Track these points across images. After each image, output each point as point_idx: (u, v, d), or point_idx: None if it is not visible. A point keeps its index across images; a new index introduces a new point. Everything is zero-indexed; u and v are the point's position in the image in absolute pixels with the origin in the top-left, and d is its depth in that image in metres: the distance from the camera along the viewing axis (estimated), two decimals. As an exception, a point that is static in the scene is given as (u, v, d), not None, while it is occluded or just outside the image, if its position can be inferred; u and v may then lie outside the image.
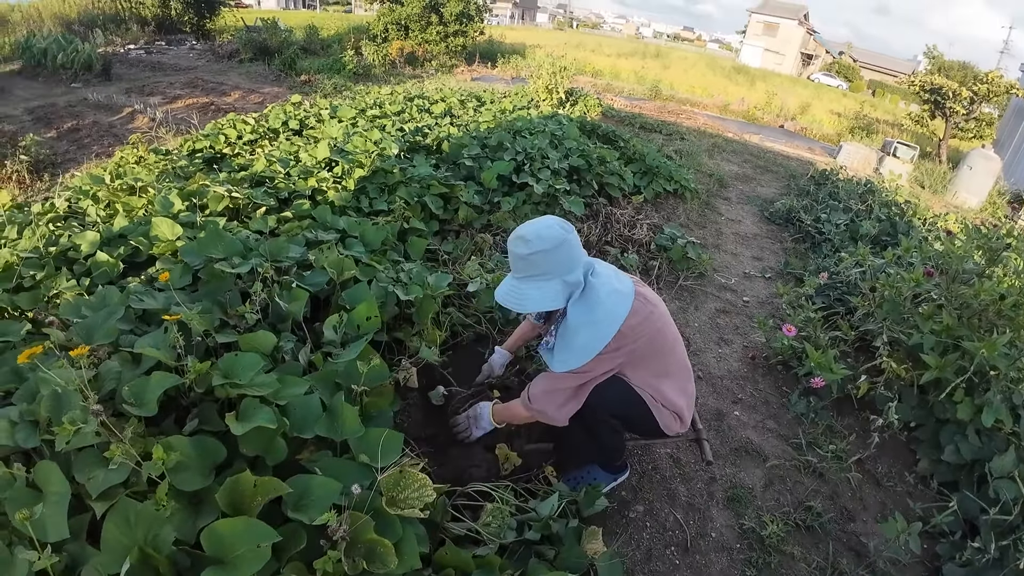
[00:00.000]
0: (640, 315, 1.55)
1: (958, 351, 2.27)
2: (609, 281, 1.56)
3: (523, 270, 1.50)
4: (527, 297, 1.50)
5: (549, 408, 1.64)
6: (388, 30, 16.35)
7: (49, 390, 1.19)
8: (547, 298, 1.49)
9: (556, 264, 1.48)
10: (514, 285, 1.53)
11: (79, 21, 16.38)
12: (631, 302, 1.53)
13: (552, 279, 1.49)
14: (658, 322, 1.61)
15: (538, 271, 1.48)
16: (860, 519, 2.05)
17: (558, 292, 1.50)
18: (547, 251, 1.45)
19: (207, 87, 10.20)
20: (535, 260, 1.46)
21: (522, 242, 1.47)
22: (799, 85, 25.42)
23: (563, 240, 1.47)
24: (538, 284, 1.50)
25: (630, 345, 1.55)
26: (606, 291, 1.52)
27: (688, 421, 1.78)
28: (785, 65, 38.67)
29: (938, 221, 5.12)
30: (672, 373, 1.70)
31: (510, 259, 1.54)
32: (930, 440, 2.27)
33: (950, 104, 11.92)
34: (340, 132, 4.55)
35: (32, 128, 7.01)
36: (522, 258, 1.48)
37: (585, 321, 1.51)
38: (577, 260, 1.52)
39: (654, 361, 1.64)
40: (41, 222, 2.38)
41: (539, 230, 1.47)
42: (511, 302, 1.52)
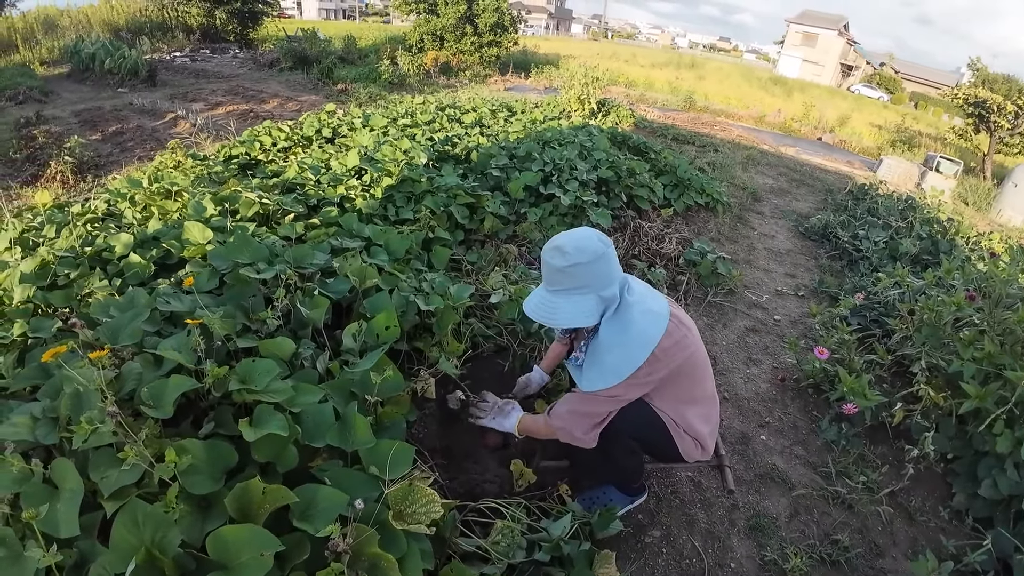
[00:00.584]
0: (674, 337, 1.48)
1: (1000, 380, 2.15)
2: (644, 300, 1.50)
3: (558, 283, 1.44)
4: (560, 311, 1.43)
5: (576, 430, 1.59)
6: (424, 40, 16.64)
7: (71, 388, 1.22)
8: (581, 313, 1.43)
9: (593, 278, 1.41)
10: (546, 298, 1.46)
11: (127, 28, 17.18)
12: (666, 323, 1.47)
13: (588, 293, 1.43)
14: (691, 346, 1.54)
15: (574, 284, 1.42)
16: (890, 555, 1.94)
17: (592, 308, 1.43)
18: (586, 264, 1.39)
19: (247, 94, 10.53)
20: (572, 272, 1.40)
21: (559, 253, 1.41)
22: (838, 96, 24.81)
23: (602, 254, 1.41)
24: (572, 298, 1.43)
25: (662, 371, 1.48)
26: (640, 310, 1.46)
27: (710, 450, 1.72)
28: (824, 76, 37.81)
29: (982, 240, 4.89)
30: (698, 400, 1.63)
31: (543, 270, 1.47)
32: (967, 473, 2.14)
33: (994, 118, 11.47)
34: (371, 141, 4.62)
35: (78, 130, 7.34)
36: (559, 270, 1.41)
37: (618, 341, 1.45)
38: (614, 275, 1.46)
39: (682, 386, 1.58)
40: (79, 222, 2.47)
41: (578, 242, 1.41)
42: (542, 315, 1.46)
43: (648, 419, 1.60)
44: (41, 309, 1.90)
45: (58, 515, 0.99)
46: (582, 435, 1.59)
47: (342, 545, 0.98)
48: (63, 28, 16.27)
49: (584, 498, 1.83)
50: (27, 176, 5.53)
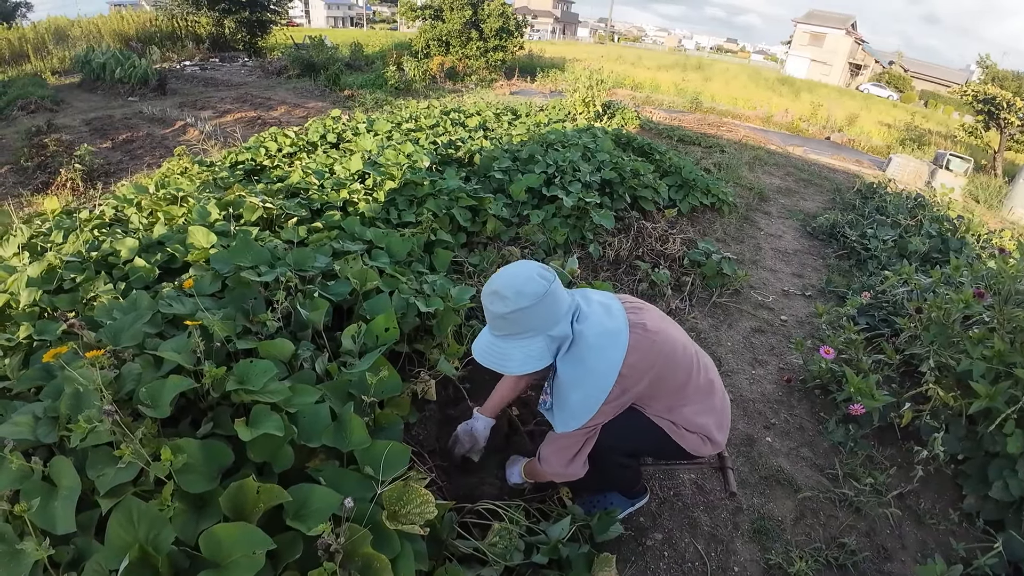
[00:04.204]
0: (640, 350, 1.39)
1: (1010, 379, 2.11)
2: (599, 322, 1.40)
3: (502, 328, 1.36)
4: (509, 358, 1.36)
5: (559, 467, 1.56)
6: (429, 46, 16.74)
7: (72, 388, 1.23)
8: (531, 358, 1.35)
9: (538, 320, 1.33)
10: (494, 343, 1.39)
11: (137, 38, 17.44)
12: (625, 340, 1.38)
13: (535, 336, 1.34)
14: (664, 348, 1.45)
15: (518, 330, 1.34)
16: (898, 559, 1.91)
17: (543, 350, 1.35)
18: (528, 308, 1.30)
19: (255, 102, 10.64)
20: (515, 319, 1.31)
21: (499, 299, 1.32)
22: (846, 96, 24.61)
23: (545, 293, 1.31)
24: (520, 343, 1.35)
25: (635, 387, 1.42)
26: (595, 336, 1.37)
27: (721, 441, 1.62)
28: (832, 76, 37.56)
29: (992, 238, 4.82)
30: (690, 396, 1.55)
31: (486, 314, 1.38)
32: (977, 474, 2.10)
33: (1004, 115, 11.34)
34: (374, 145, 4.64)
35: (88, 139, 7.45)
36: (501, 317, 1.33)
37: (578, 378, 1.38)
38: (560, 311, 1.37)
39: (667, 389, 1.51)
40: (86, 228, 2.51)
41: (519, 286, 1.30)
42: (493, 363, 1.38)
43: (643, 427, 1.55)
44: (47, 312, 1.93)
45: (55, 512, 1.00)
46: (563, 470, 1.56)
47: (334, 544, 0.97)
48: (74, 38, 16.54)
49: (585, 501, 1.82)
50: (38, 184, 5.61)
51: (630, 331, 1.40)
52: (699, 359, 1.58)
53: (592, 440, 1.53)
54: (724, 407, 1.65)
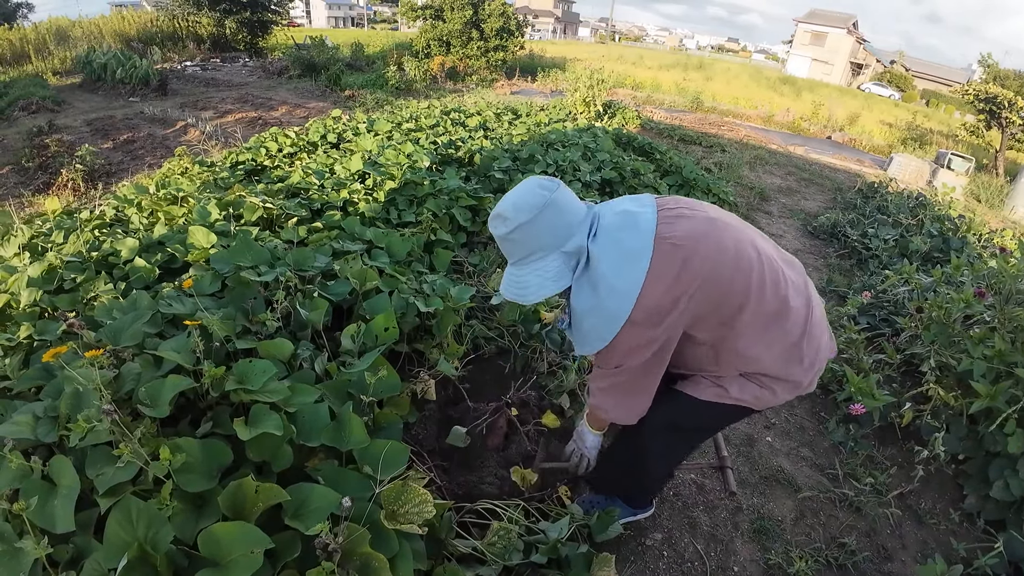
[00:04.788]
0: (666, 274, 1.16)
1: (1011, 378, 2.10)
2: (617, 239, 1.21)
3: (514, 253, 1.24)
4: (526, 286, 1.22)
5: (608, 406, 1.39)
6: (430, 46, 16.75)
7: (71, 388, 1.23)
8: (548, 281, 1.21)
9: (546, 235, 1.19)
10: (513, 274, 1.27)
11: (138, 38, 17.45)
12: (646, 262, 1.16)
13: (548, 254, 1.21)
14: (703, 267, 1.17)
15: (528, 250, 1.21)
16: (898, 559, 1.90)
17: (560, 269, 1.21)
18: (530, 222, 1.17)
19: (256, 102, 10.65)
20: (519, 238, 1.19)
21: (500, 221, 1.21)
22: (848, 95, 24.58)
23: (546, 203, 1.17)
24: (535, 266, 1.22)
25: (673, 316, 1.18)
26: (609, 257, 1.19)
27: (801, 378, 1.32)
28: (834, 75, 37.50)
29: (994, 237, 4.82)
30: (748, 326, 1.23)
31: (499, 246, 1.27)
32: (978, 474, 2.10)
33: (1006, 114, 11.35)
34: (375, 145, 4.65)
35: (90, 139, 7.46)
36: (506, 239, 1.21)
37: (590, 306, 1.21)
38: (573, 223, 1.21)
39: (713, 323, 1.23)
40: (87, 228, 2.51)
41: (516, 200, 1.19)
42: (513, 294, 1.26)
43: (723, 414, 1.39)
44: (47, 312, 1.93)
45: (55, 510, 1.00)
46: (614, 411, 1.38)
47: (333, 543, 0.97)
48: (75, 39, 16.55)
49: (585, 500, 1.81)
50: (39, 184, 5.62)
51: (655, 248, 1.17)
52: (766, 270, 1.24)
53: (647, 376, 1.30)
54: (808, 332, 1.29)
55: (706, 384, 1.36)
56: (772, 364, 1.28)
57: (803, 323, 1.27)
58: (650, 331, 1.20)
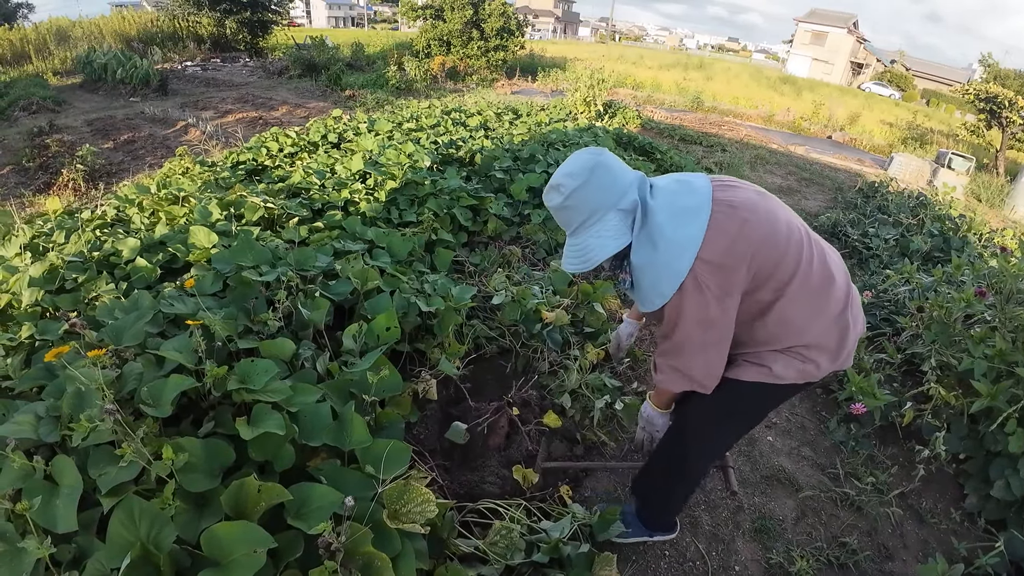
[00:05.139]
0: (725, 231, 1.17)
1: (1012, 378, 2.10)
2: (671, 199, 1.24)
3: (572, 221, 1.25)
4: (590, 249, 1.23)
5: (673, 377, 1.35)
6: (431, 46, 16.75)
7: (73, 388, 1.23)
8: (609, 239, 1.22)
9: (601, 194, 1.21)
10: (572, 244, 1.27)
11: (138, 38, 17.44)
12: (706, 217, 1.18)
13: (605, 214, 1.22)
14: (759, 229, 1.19)
15: (585, 214, 1.22)
16: (899, 558, 1.90)
17: (618, 226, 1.22)
18: (582, 185, 1.19)
19: (257, 102, 10.65)
20: (575, 204, 1.21)
21: (555, 192, 1.23)
22: (848, 95, 24.57)
23: (595, 164, 1.20)
24: (594, 229, 1.23)
25: (734, 276, 1.19)
26: (669, 213, 1.21)
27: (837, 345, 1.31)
28: (834, 75, 37.49)
29: (995, 237, 4.81)
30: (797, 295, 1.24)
31: (556, 218, 1.29)
32: (979, 474, 2.10)
33: (1006, 114, 11.35)
34: (375, 145, 4.65)
35: (90, 139, 7.46)
36: (562, 208, 1.23)
37: (649, 261, 1.22)
38: (623, 181, 1.23)
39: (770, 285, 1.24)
40: (88, 228, 2.51)
41: (566, 170, 1.22)
42: (577, 264, 1.26)
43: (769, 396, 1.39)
44: (49, 312, 1.93)
45: (57, 511, 1.01)
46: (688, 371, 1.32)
47: (335, 543, 0.98)
48: (75, 39, 16.54)
49: None
50: (40, 184, 5.62)
51: (713, 208, 1.20)
52: (811, 244, 1.28)
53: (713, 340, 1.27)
54: (850, 305, 1.32)
55: (747, 365, 1.36)
56: (819, 334, 1.29)
57: (844, 296, 1.31)
58: (711, 290, 1.19)
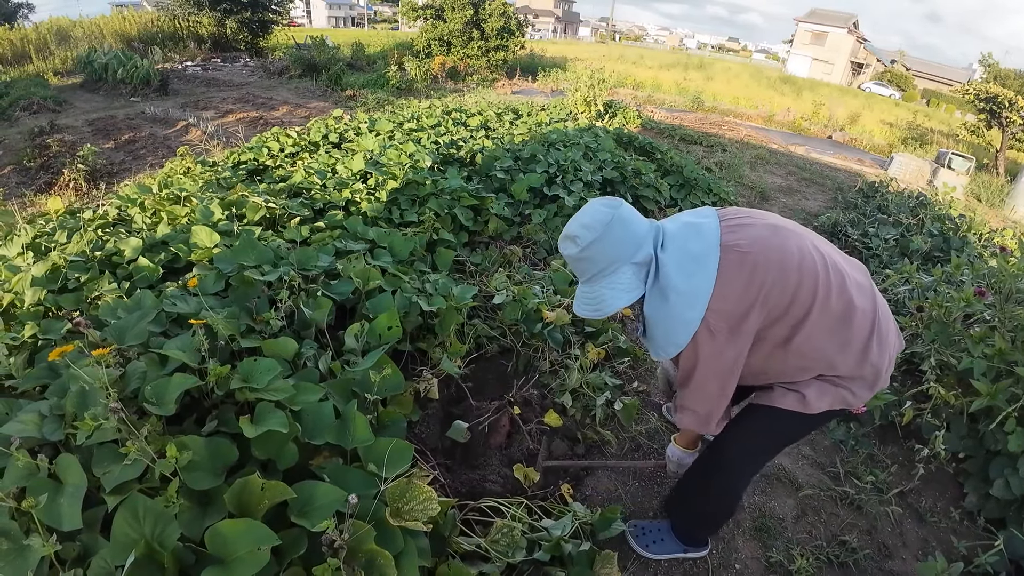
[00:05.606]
0: (734, 278, 1.19)
1: (1011, 377, 2.11)
2: (682, 247, 1.25)
3: (586, 272, 1.28)
4: (602, 300, 1.26)
5: (691, 419, 1.40)
6: (431, 46, 16.76)
7: (77, 386, 1.24)
8: (622, 292, 1.25)
9: (616, 249, 1.23)
10: (585, 291, 1.31)
11: (139, 38, 17.45)
12: (713, 267, 1.20)
13: (619, 268, 1.24)
14: (768, 272, 1.19)
15: (600, 265, 1.25)
16: (899, 556, 1.91)
17: (632, 280, 1.25)
18: (598, 240, 1.21)
19: (257, 102, 10.66)
20: (591, 255, 1.23)
21: (570, 243, 1.25)
22: (848, 95, 24.58)
23: (611, 219, 1.21)
24: (608, 281, 1.26)
25: (746, 322, 1.20)
26: (677, 264, 1.23)
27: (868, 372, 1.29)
28: (834, 75, 37.50)
29: (994, 237, 4.82)
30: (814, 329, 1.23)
31: (569, 266, 1.35)
32: (979, 473, 2.11)
33: (1006, 113, 11.37)
34: (376, 145, 4.66)
35: (91, 139, 7.47)
36: (578, 259, 1.26)
37: (662, 313, 1.24)
38: (639, 235, 1.25)
39: (785, 323, 1.24)
40: (90, 228, 2.52)
41: (583, 221, 1.24)
42: (591, 311, 1.29)
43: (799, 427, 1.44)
44: (52, 312, 1.94)
45: (61, 509, 1.01)
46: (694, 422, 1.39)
47: (338, 540, 0.98)
48: (76, 39, 16.55)
49: (637, 527, 1.80)
50: (41, 184, 5.63)
51: (722, 255, 1.21)
52: (829, 274, 1.25)
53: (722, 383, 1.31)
54: (877, 330, 1.29)
55: (782, 392, 1.37)
56: (844, 364, 1.28)
57: (870, 322, 1.28)
58: (724, 336, 1.21)
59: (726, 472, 1.55)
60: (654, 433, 2.29)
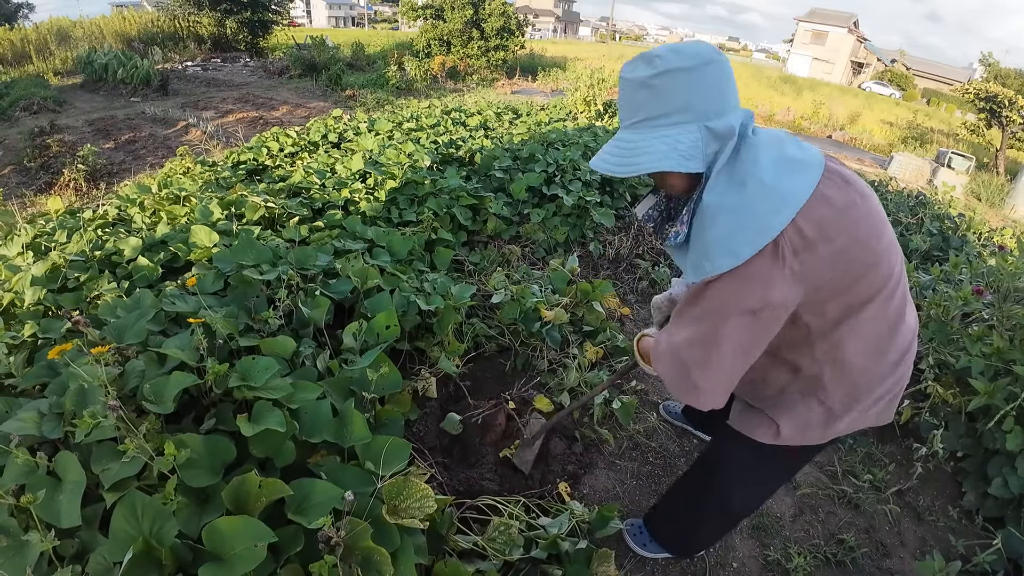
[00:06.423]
0: (836, 202, 0.92)
1: (1009, 376, 2.11)
2: (781, 145, 0.96)
3: (641, 109, 0.94)
4: (644, 151, 0.92)
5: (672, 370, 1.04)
6: (431, 45, 16.78)
7: (76, 385, 1.25)
8: (674, 152, 0.91)
9: (697, 95, 0.91)
10: (622, 139, 0.97)
11: (139, 38, 17.50)
12: (819, 174, 0.93)
13: (687, 122, 0.92)
14: (863, 225, 0.95)
15: (664, 109, 0.92)
16: (897, 555, 1.92)
17: (694, 145, 0.91)
18: (687, 71, 0.90)
19: (257, 102, 10.68)
20: (662, 87, 0.91)
21: (644, 63, 0.93)
22: (849, 94, 24.58)
23: (712, 59, 0.91)
24: (663, 131, 0.92)
25: (816, 261, 0.91)
26: (772, 156, 0.93)
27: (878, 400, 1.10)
28: (834, 74, 37.51)
29: (994, 236, 4.82)
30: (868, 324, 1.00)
31: (620, 100, 0.98)
32: (977, 471, 2.11)
33: (1006, 113, 11.39)
34: (375, 145, 4.66)
35: (91, 139, 7.49)
36: (642, 86, 0.92)
37: (730, 203, 0.90)
38: (730, 98, 0.95)
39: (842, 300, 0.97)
40: (90, 227, 2.52)
41: (676, 47, 0.92)
42: (615, 163, 0.95)
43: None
44: (51, 311, 1.94)
45: (60, 506, 1.02)
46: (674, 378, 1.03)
47: (335, 537, 0.99)
48: (76, 39, 16.60)
49: (632, 525, 1.79)
50: (41, 184, 5.65)
51: (824, 173, 0.94)
52: (902, 266, 1.05)
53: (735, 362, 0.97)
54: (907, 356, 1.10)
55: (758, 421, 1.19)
56: (870, 380, 1.07)
57: (908, 344, 1.09)
58: (788, 265, 0.90)
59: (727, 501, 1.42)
60: (652, 432, 2.30)
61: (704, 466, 1.51)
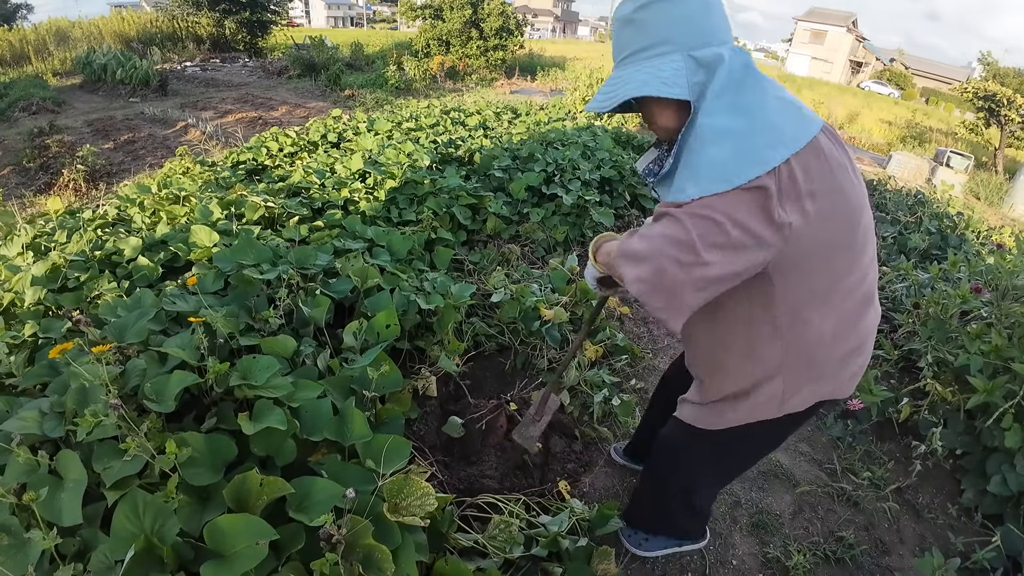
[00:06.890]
0: (830, 159, 0.93)
1: (1008, 374, 2.12)
2: (777, 88, 0.97)
3: (628, 45, 0.97)
4: (627, 81, 0.96)
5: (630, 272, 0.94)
6: (430, 45, 16.78)
7: (77, 384, 1.25)
8: (655, 80, 0.93)
9: (679, 27, 0.92)
10: (611, 79, 1.01)
11: (137, 39, 17.52)
12: (818, 128, 0.94)
13: (671, 53, 0.93)
14: (848, 198, 0.96)
15: (649, 39, 0.94)
16: (896, 553, 1.92)
17: (676, 72, 0.92)
18: (668, 1, 0.91)
19: (256, 102, 10.68)
20: (646, 19, 0.93)
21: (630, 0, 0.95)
22: (848, 93, 24.59)
23: None
24: (647, 64, 0.94)
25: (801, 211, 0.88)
26: (778, 95, 0.95)
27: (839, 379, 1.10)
28: (834, 73, 37.55)
29: (993, 235, 4.83)
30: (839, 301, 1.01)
31: (612, 39, 1.02)
32: (976, 469, 2.12)
33: (1005, 112, 11.41)
34: (375, 144, 4.67)
35: (90, 139, 7.49)
36: (628, 21, 0.95)
37: (730, 127, 0.89)
38: (716, 31, 0.94)
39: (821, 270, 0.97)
40: (90, 227, 2.52)
41: None
42: (601, 99, 0.99)
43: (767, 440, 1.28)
44: (52, 311, 1.95)
45: (61, 504, 1.02)
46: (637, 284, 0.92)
47: (336, 535, 0.99)
48: (75, 40, 16.61)
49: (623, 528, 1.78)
50: (40, 184, 5.66)
51: (824, 128, 0.97)
52: (874, 249, 1.08)
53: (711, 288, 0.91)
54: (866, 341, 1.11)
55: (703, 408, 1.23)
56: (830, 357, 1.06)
57: (867, 332, 1.10)
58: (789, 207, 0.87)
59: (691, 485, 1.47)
60: (652, 430, 2.30)
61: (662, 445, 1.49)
